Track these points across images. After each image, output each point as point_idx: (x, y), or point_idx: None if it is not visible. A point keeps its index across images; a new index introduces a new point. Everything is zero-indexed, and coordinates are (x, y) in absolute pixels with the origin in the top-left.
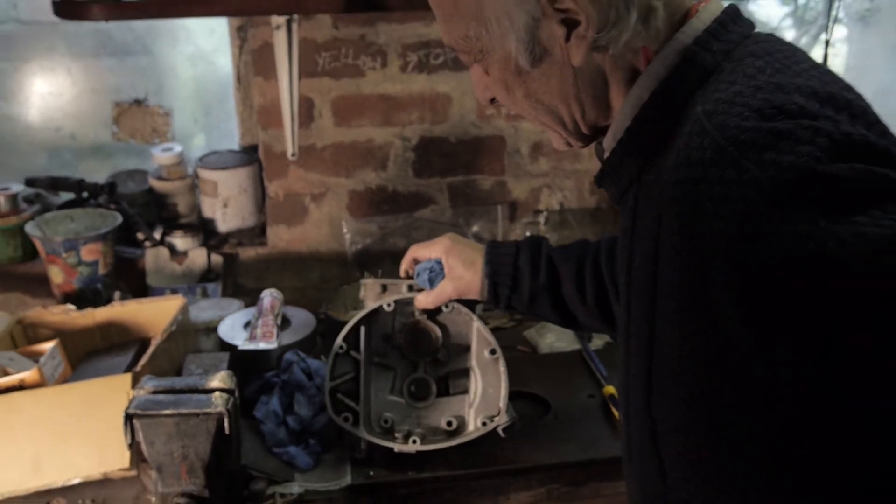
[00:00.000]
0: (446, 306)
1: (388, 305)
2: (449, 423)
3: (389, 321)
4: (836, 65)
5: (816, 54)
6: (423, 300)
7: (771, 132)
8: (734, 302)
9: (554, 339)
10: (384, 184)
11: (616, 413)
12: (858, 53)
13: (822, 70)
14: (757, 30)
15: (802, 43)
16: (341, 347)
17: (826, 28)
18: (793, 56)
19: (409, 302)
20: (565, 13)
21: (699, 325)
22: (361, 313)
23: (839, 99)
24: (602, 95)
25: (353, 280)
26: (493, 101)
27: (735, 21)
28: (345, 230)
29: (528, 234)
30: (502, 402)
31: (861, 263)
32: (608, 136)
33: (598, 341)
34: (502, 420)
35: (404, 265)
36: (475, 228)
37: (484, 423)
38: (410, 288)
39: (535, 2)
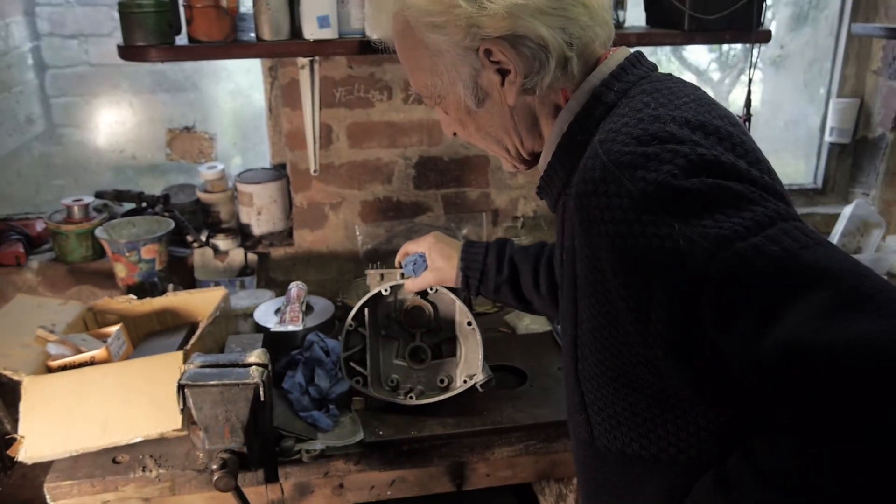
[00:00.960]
0: (431, 289)
1: (386, 291)
2: (441, 381)
3: (392, 301)
4: (755, 101)
5: (739, 93)
6: (409, 285)
7: (643, 155)
8: (617, 287)
9: (529, 322)
10: (390, 195)
11: None
12: (772, 91)
13: (703, 102)
14: (660, 70)
15: (725, 83)
16: (351, 325)
17: (745, 70)
18: (679, 92)
19: (402, 287)
20: (499, 64)
21: (600, 304)
22: (364, 298)
23: (708, 126)
24: (534, 127)
25: (364, 274)
26: (454, 134)
27: (635, 65)
28: (357, 233)
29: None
30: (479, 363)
31: (704, 257)
32: (542, 159)
33: None
34: (479, 378)
35: (398, 257)
36: (464, 231)
37: (465, 381)
38: (402, 276)
39: (475, 57)
